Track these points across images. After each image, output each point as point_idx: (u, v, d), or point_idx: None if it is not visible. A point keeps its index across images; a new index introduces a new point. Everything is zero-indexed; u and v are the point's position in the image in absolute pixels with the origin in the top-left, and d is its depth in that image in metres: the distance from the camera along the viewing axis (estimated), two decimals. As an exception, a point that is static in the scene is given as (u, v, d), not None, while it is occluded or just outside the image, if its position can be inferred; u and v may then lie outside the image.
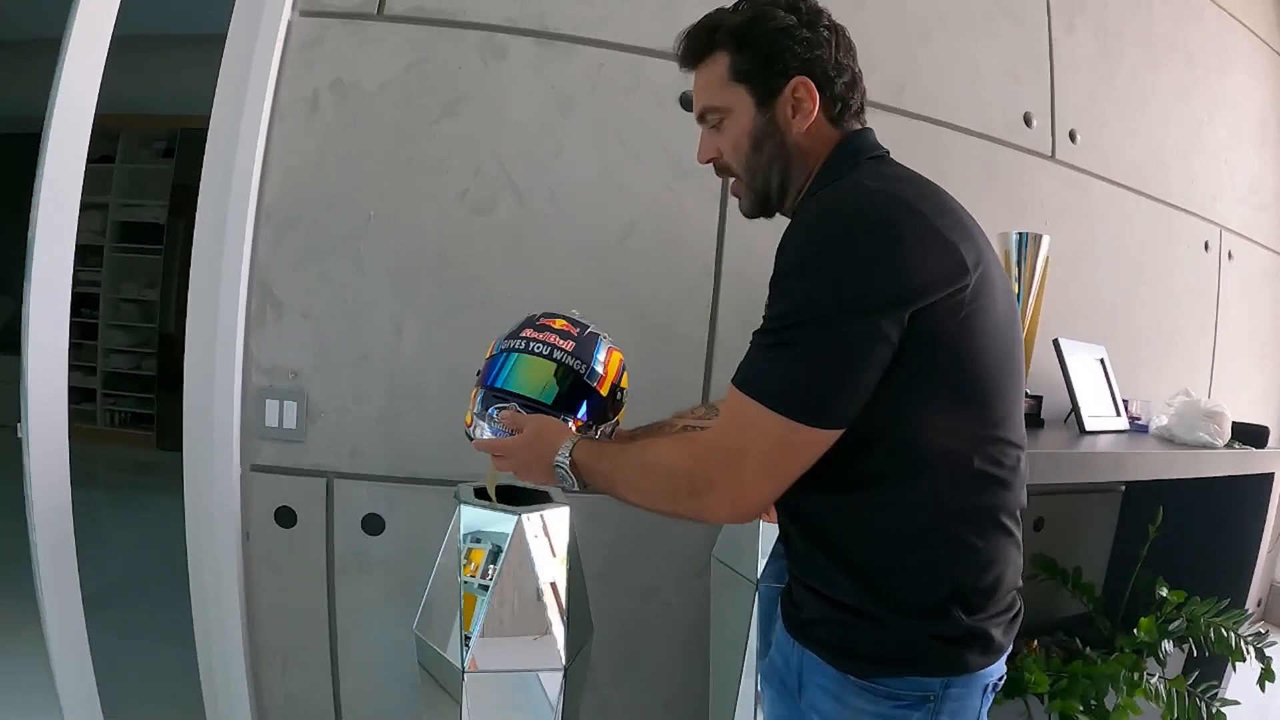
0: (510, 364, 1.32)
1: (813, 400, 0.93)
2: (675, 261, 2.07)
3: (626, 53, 2.00)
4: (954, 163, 2.31)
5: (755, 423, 0.95)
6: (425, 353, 1.93)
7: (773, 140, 1.12)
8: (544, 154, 1.97)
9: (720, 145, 1.16)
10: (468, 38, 1.91)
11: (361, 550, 1.93)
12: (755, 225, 2.08)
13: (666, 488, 1.03)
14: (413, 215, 1.91)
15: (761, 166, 1.14)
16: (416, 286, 1.92)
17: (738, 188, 1.19)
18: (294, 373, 1.87)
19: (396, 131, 1.89)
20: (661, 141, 2.03)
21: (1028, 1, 2.54)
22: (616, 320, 2.02)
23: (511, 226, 1.96)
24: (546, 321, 1.37)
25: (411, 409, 1.93)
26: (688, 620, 2.09)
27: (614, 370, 1.38)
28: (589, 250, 2.01)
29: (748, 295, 2.09)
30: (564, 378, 1.30)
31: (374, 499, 1.93)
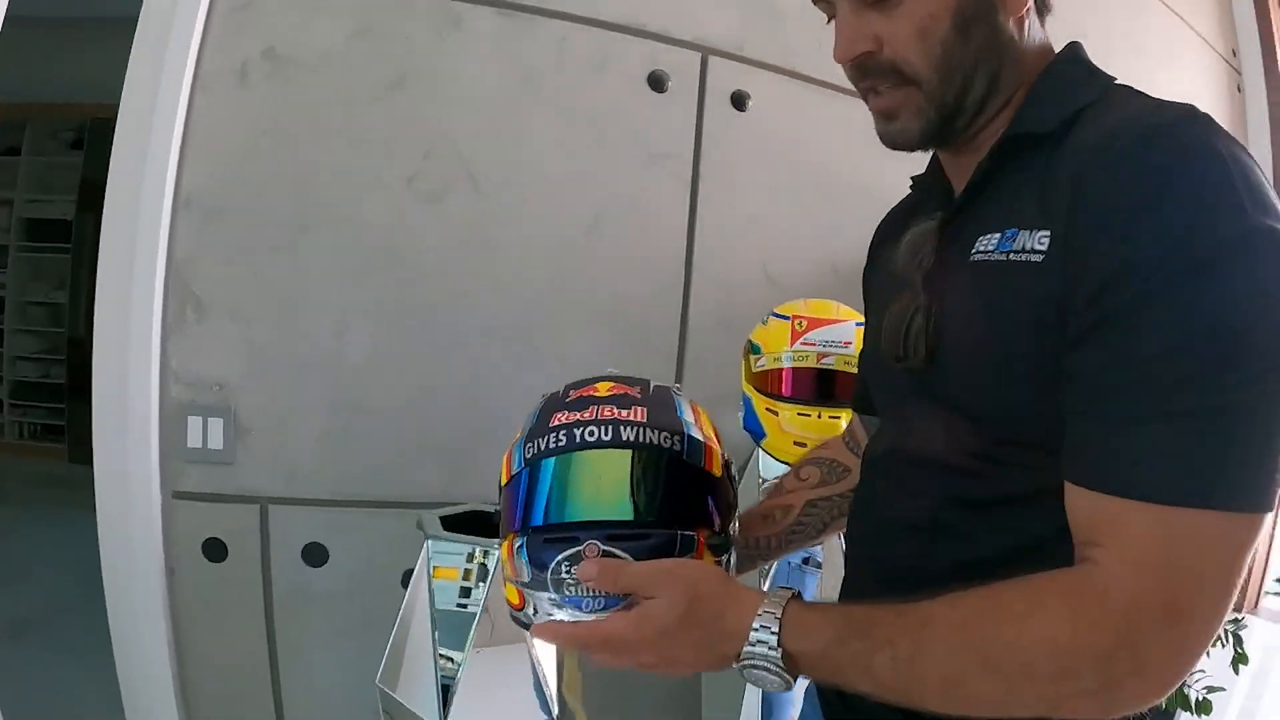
0: (556, 476, 0.81)
1: (1270, 475, 0.59)
2: (644, 256, 1.90)
3: (594, 28, 1.81)
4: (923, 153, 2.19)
5: (1204, 542, 0.59)
6: (371, 360, 1.71)
7: (986, 23, 0.75)
8: (503, 137, 1.77)
9: (890, 30, 0.75)
10: (419, 5, 1.70)
11: (303, 584, 1.69)
12: (732, 217, 1.96)
13: (1049, 692, 0.62)
14: (355, 203, 1.69)
15: (965, 62, 0.75)
16: (360, 284, 1.70)
17: (892, 101, 0.77)
18: (219, 384, 1.63)
19: (337, 108, 1.67)
20: (631, 125, 1.85)
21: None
22: (582, 320, 1.85)
23: (467, 217, 1.76)
24: (583, 392, 0.87)
25: (356, 424, 1.71)
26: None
27: (711, 431, 0.90)
28: (552, 244, 1.82)
29: (720, 292, 1.95)
30: (654, 469, 0.80)
31: (315, 526, 1.70)
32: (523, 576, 0.80)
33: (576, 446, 0.81)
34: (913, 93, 0.76)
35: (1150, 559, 0.59)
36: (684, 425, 0.83)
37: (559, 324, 1.83)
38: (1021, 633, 0.62)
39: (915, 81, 0.75)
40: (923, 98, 0.76)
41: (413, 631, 1.47)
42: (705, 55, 1.90)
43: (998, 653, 0.63)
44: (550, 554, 0.78)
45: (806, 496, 1.06)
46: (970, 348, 0.74)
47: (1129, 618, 0.59)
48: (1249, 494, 0.58)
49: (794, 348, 1.57)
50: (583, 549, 0.77)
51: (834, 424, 1.50)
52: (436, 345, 1.75)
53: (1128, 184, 0.62)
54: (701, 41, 1.90)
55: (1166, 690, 0.61)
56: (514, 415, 1.70)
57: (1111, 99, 0.74)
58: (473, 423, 1.77)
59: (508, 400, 1.78)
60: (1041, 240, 0.67)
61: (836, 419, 1.50)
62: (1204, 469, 0.58)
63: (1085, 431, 0.64)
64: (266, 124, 1.64)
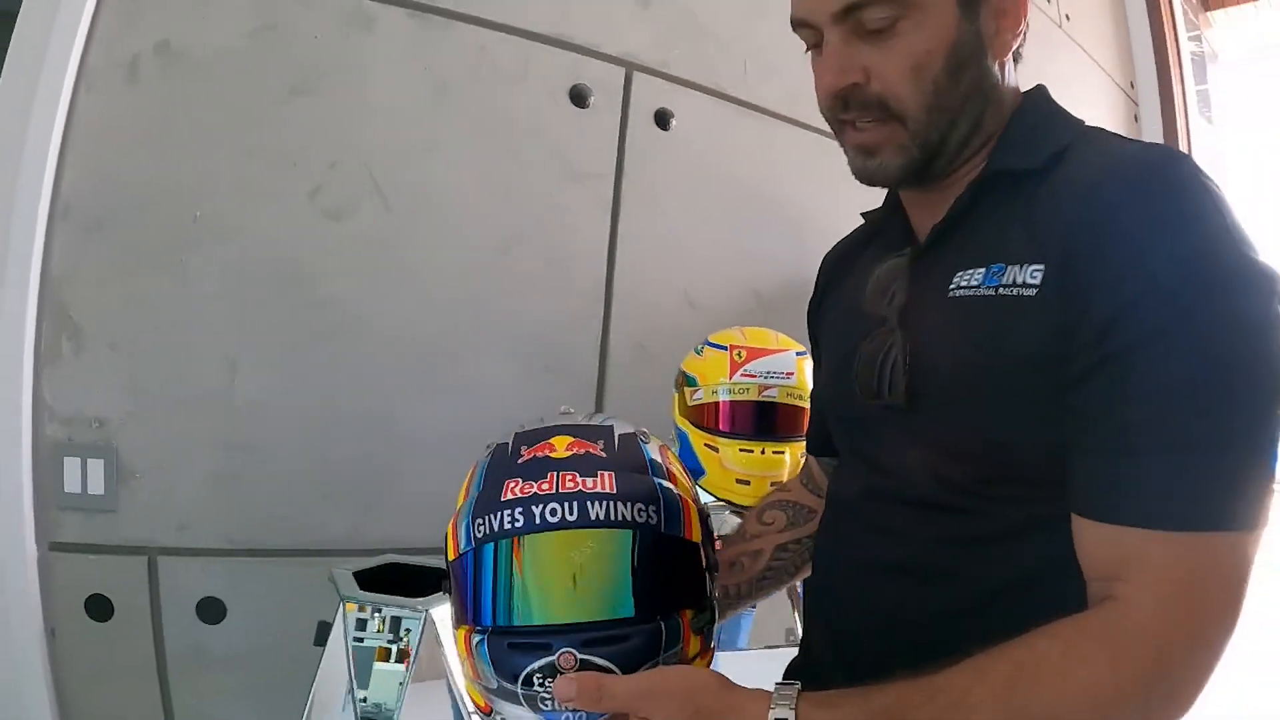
0: (513, 564, 0.73)
1: (1267, 492, 0.64)
2: (563, 278, 1.87)
3: (515, 36, 1.76)
4: (846, 177, 2.29)
5: (1223, 564, 0.63)
6: (268, 394, 1.60)
7: (976, 65, 0.77)
8: (414, 149, 1.70)
9: (881, 62, 0.75)
10: (328, 4, 1.60)
11: (199, 643, 1.57)
12: (653, 238, 1.98)
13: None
14: (253, 218, 1.57)
15: (953, 103, 0.77)
16: (256, 310, 1.59)
17: (875, 136, 0.78)
18: (99, 421, 1.48)
19: (235, 112, 1.55)
20: (551, 141, 1.81)
21: None
22: (496, 346, 1.81)
23: (374, 235, 1.67)
24: (536, 451, 0.78)
25: (252, 465, 1.59)
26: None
27: (685, 480, 0.84)
28: (464, 264, 1.76)
29: (642, 316, 1.94)
30: (630, 552, 0.73)
31: (210, 579, 1.58)
32: (488, 683, 0.74)
33: (536, 528, 0.73)
34: (897, 129, 0.77)
35: (1179, 589, 0.62)
36: (657, 487, 0.77)
37: (472, 351, 1.77)
38: (1063, 690, 0.62)
39: (901, 118, 0.76)
40: (907, 135, 0.77)
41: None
42: (630, 71, 1.89)
43: (1035, 710, 0.63)
44: (518, 662, 0.72)
45: (775, 541, 1.05)
46: (960, 382, 0.74)
47: (1163, 650, 0.62)
48: (1255, 513, 0.63)
49: (733, 379, 1.56)
50: (556, 659, 0.71)
51: (778, 459, 1.50)
52: (340, 376, 1.66)
53: (1131, 219, 0.65)
54: (626, 56, 1.88)
55: (1192, 706, 0.64)
56: (424, 452, 1.68)
57: (1090, 139, 0.78)
58: (380, 460, 1.69)
59: (417, 435, 1.71)
60: (1034, 274, 0.69)
61: (781, 454, 1.51)
62: (1220, 494, 0.62)
63: (1099, 464, 0.65)
64: (157, 126, 1.49)
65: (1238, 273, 0.64)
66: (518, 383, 1.82)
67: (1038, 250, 0.70)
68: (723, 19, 2.02)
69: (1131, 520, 0.63)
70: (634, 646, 0.72)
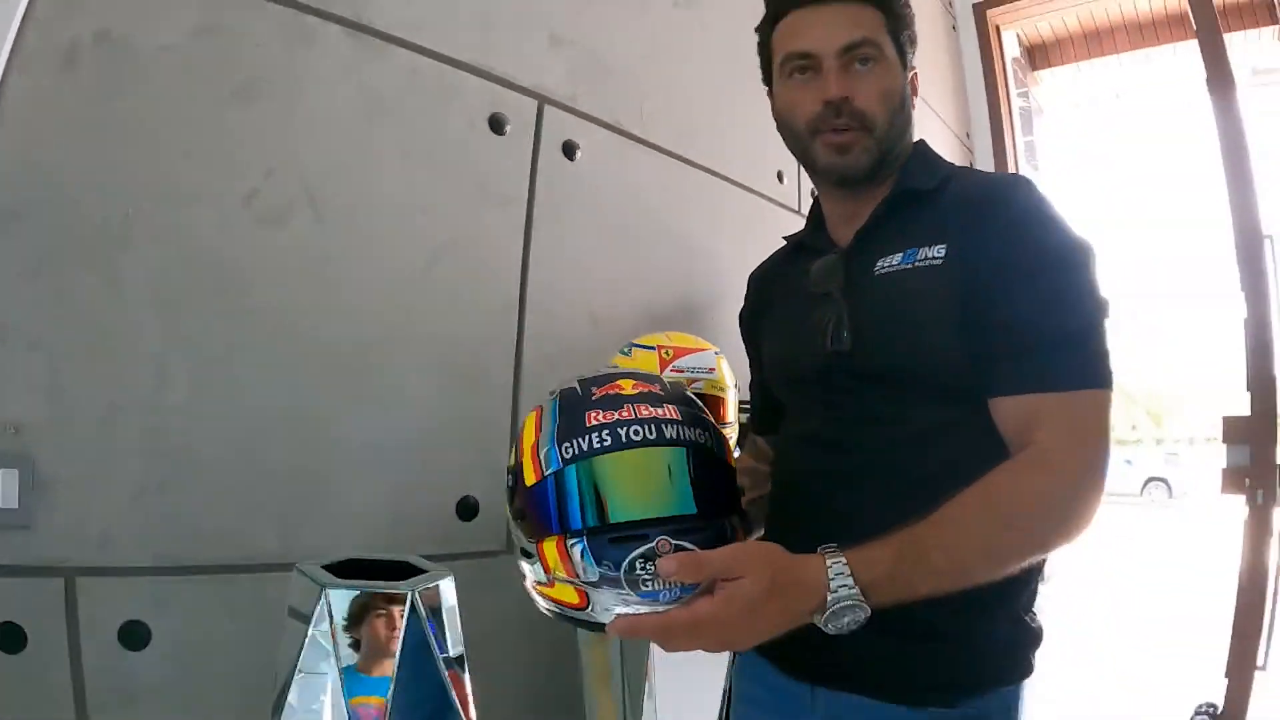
0: (607, 475, 0.88)
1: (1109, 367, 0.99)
2: (480, 295, 1.93)
3: (443, 64, 1.83)
4: (727, 212, 2.52)
5: (1105, 412, 0.96)
6: (198, 401, 1.51)
7: (907, 106, 1.13)
8: (348, 162, 1.71)
9: (864, 87, 1.08)
10: (272, 12, 1.59)
11: (123, 673, 1.42)
12: (561, 261, 2.11)
13: (1040, 532, 0.93)
14: (187, 220, 1.51)
15: (901, 126, 1.12)
16: (187, 314, 1.51)
17: (853, 139, 1.08)
18: (14, 427, 1.34)
19: (174, 110, 1.49)
20: (471, 163, 1.89)
21: None
22: (420, 358, 1.85)
23: (306, 243, 1.65)
24: (608, 389, 0.95)
25: (181, 476, 1.49)
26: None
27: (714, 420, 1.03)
28: (392, 278, 1.77)
29: (552, 333, 2.04)
30: (700, 465, 0.91)
31: (135, 601, 1.44)
32: (588, 576, 0.87)
33: (624, 446, 0.88)
34: (867, 136, 1.08)
35: (1075, 427, 0.94)
36: (708, 421, 0.95)
37: (397, 362, 1.77)
38: (1022, 496, 0.92)
39: (871, 129, 1.08)
40: (873, 141, 1.09)
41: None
42: (542, 103, 2.01)
43: (1007, 512, 0.91)
44: (620, 553, 0.86)
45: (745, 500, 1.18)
46: (891, 326, 1.05)
47: (1075, 471, 0.93)
48: (1108, 376, 0.97)
49: (664, 375, 1.70)
50: (654, 545, 0.85)
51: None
52: (270, 385, 1.61)
53: (1009, 212, 1.02)
54: (539, 90, 2.00)
55: (1099, 500, 0.95)
56: (352, 463, 1.68)
57: (965, 171, 1.16)
58: (309, 471, 1.65)
59: (345, 446, 1.70)
60: (940, 250, 1.03)
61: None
62: (1087, 365, 0.96)
63: (1008, 360, 0.97)
64: (91, 117, 1.41)
65: (1071, 237, 1.01)
66: (439, 394, 1.84)
67: (940, 236, 1.04)
68: (624, 61, 2.21)
69: (1036, 388, 0.96)
70: (709, 536, 0.89)
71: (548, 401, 0.99)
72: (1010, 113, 5.18)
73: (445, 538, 1.82)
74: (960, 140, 4.62)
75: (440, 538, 1.81)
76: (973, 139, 4.78)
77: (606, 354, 2.02)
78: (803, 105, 1.11)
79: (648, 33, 2.33)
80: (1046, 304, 0.98)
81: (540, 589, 0.97)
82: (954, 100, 4.58)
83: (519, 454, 0.98)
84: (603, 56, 2.16)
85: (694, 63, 2.49)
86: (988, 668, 1.03)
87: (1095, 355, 0.97)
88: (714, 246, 2.49)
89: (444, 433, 1.85)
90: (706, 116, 2.52)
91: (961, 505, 0.91)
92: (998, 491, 0.92)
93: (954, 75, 4.74)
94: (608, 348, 2.05)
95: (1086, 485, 0.93)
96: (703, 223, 2.46)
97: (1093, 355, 0.97)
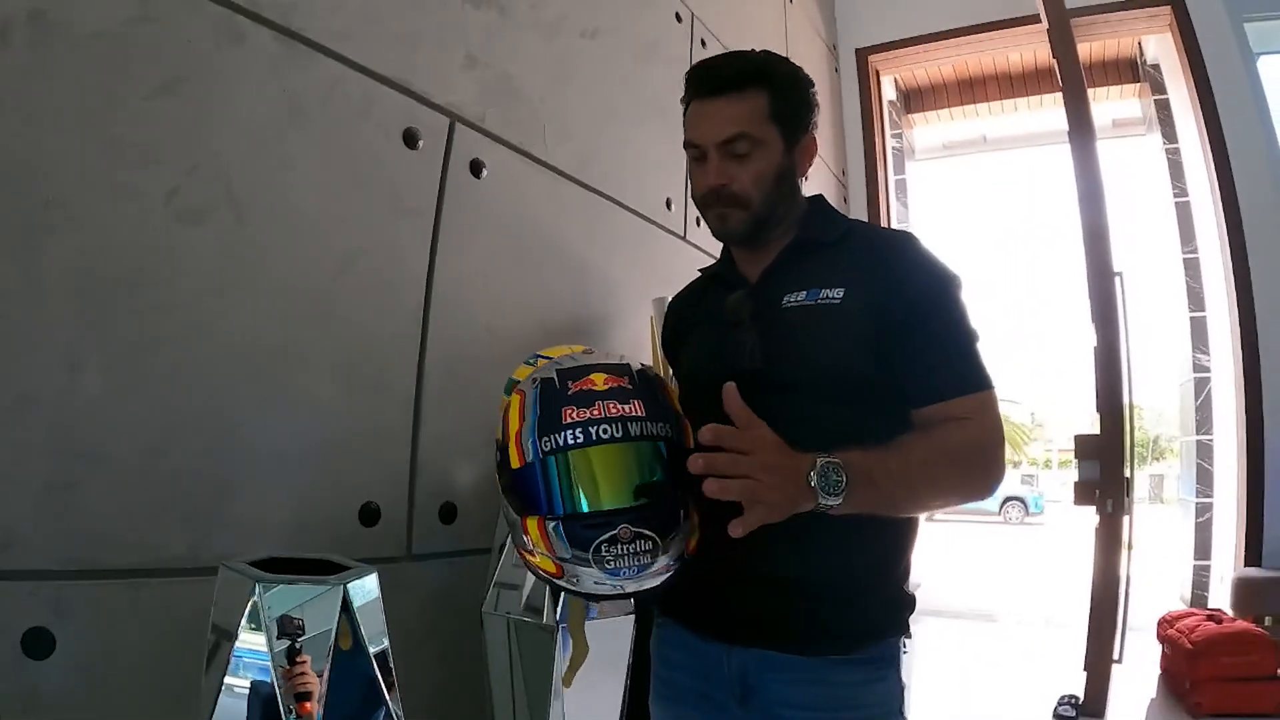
0: (578, 469, 1.04)
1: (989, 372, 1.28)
2: (388, 304, 1.96)
3: (365, 76, 1.87)
4: (620, 235, 2.66)
5: (996, 403, 1.25)
6: (111, 397, 1.47)
7: (789, 179, 1.34)
8: (269, 166, 1.71)
9: (738, 173, 1.29)
10: (206, 9, 1.58)
11: (26, 684, 1.35)
12: (463, 274, 2.22)
13: (969, 473, 1.21)
14: (109, 211, 1.47)
15: (778, 198, 1.32)
16: (104, 308, 1.47)
17: (728, 212, 1.31)
18: None
19: (102, 99, 1.45)
20: (385, 175, 1.93)
21: (672, 102, 3.06)
22: (328, 362, 1.87)
23: (225, 244, 1.63)
24: (581, 385, 1.09)
25: (92, 475, 1.44)
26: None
27: (678, 405, 1.19)
28: (305, 283, 1.78)
29: (453, 344, 2.10)
30: (659, 458, 1.08)
31: (39, 606, 1.37)
32: (562, 553, 1.05)
33: (593, 443, 1.05)
34: (742, 211, 1.30)
35: (986, 417, 1.22)
36: (670, 409, 1.13)
37: (308, 365, 1.77)
38: (954, 441, 1.19)
39: (747, 205, 1.30)
40: (749, 215, 1.31)
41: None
42: (454, 121, 2.07)
43: (952, 450, 1.19)
44: (589, 536, 1.03)
45: None
46: (796, 348, 1.26)
47: (989, 430, 1.22)
48: (991, 380, 1.25)
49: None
50: (618, 532, 1.03)
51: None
52: (182, 384, 1.58)
53: (903, 259, 1.28)
54: (452, 108, 2.07)
55: (1001, 480, 1.24)
56: (261, 465, 1.69)
57: (861, 226, 1.41)
58: (219, 473, 1.62)
59: (255, 448, 1.69)
60: (839, 293, 1.26)
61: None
62: (982, 372, 1.24)
63: (924, 376, 1.23)
64: (17, 99, 1.35)
65: (949, 275, 1.29)
66: (346, 397, 1.86)
67: (840, 281, 1.28)
68: (532, 85, 2.31)
69: (955, 393, 1.22)
70: (664, 521, 1.06)
71: (529, 389, 1.12)
72: (885, 152, 5.66)
73: (348, 543, 1.83)
74: (836, 177, 4.99)
75: (343, 543, 1.82)
76: (848, 176, 5.18)
77: (503, 366, 2.08)
78: (697, 183, 1.35)
79: (555, 59, 2.45)
80: (946, 331, 1.25)
81: (524, 555, 1.13)
82: (833, 138, 4.95)
83: (505, 437, 1.12)
84: (513, 79, 2.26)
85: (596, 91, 2.63)
86: (876, 622, 1.27)
87: (981, 364, 1.26)
88: (606, 267, 2.62)
89: (348, 439, 1.87)
90: (604, 143, 2.67)
91: (911, 439, 1.20)
92: (936, 432, 1.20)
93: (834, 115, 5.10)
94: (504, 361, 2.12)
95: (995, 444, 1.23)
96: (596, 244, 2.59)
97: (979, 364, 1.25)
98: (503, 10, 2.26)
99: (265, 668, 1.27)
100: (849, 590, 1.25)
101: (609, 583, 1.07)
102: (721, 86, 1.29)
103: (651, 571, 1.07)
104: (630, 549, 1.05)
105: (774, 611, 1.24)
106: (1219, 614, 3.96)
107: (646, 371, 1.18)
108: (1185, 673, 3.69)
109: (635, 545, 1.05)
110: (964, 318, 1.27)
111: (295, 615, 1.31)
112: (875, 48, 5.68)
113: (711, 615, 1.29)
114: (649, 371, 1.19)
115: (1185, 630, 3.77)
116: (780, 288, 1.32)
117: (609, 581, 1.06)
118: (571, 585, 1.09)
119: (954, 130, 7.77)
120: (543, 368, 1.17)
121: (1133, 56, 6.54)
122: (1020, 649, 5.54)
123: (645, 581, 1.10)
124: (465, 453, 2.08)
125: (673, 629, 1.38)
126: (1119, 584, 3.47)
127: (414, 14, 2.00)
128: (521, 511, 1.09)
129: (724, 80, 1.29)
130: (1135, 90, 6.75)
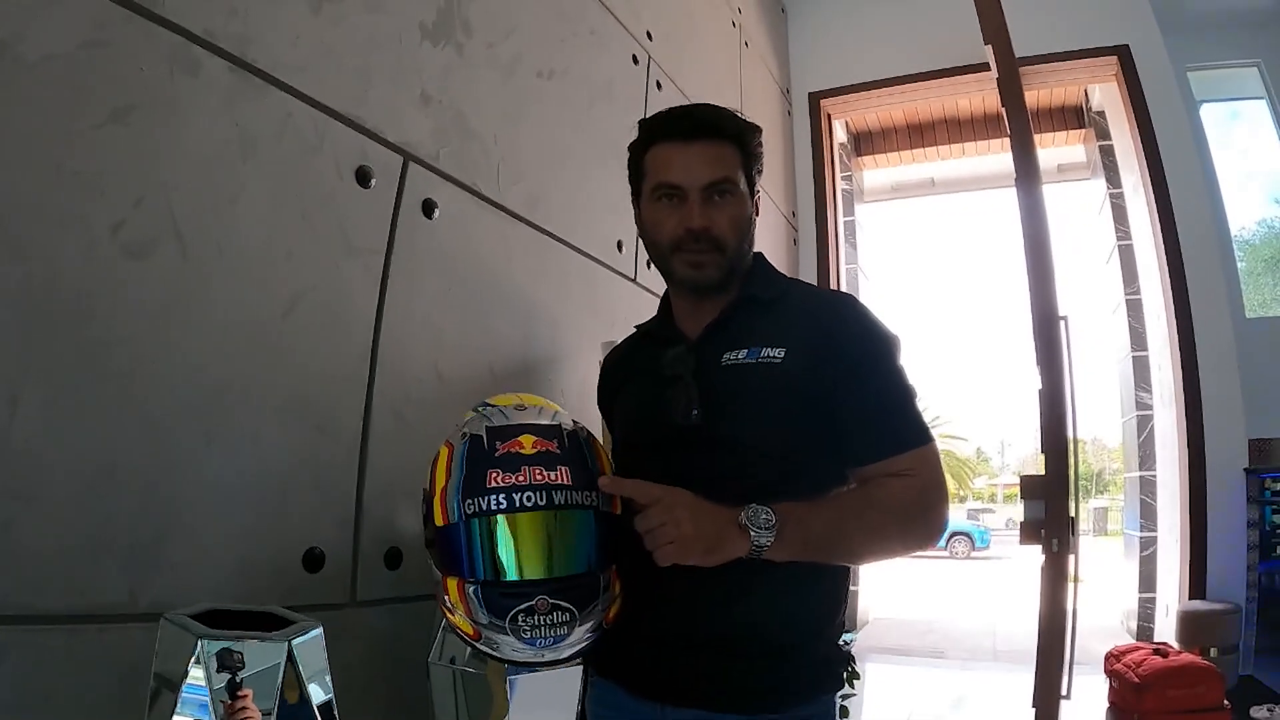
0: (500, 535, 1.06)
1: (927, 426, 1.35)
2: (335, 344, 1.95)
3: (317, 110, 1.89)
4: (570, 275, 2.69)
5: (937, 455, 1.31)
6: (49, 434, 1.44)
7: (752, 231, 1.42)
8: (218, 200, 1.71)
9: (719, 217, 1.35)
10: (161, 37, 1.59)
11: None
12: (413, 315, 2.25)
13: (905, 527, 1.27)
14: (54, 241, 1.46)
15: (746, 248, 1.41)
16: (44, 341, 1.45)
17: (708, 259, 1.36)
18: None
19: (51, 124, 1.45)
20: (335, 213, 1.94)
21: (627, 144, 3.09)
22: (274, 404, 1.86)
23: (171, 279, 1.63)
24: (509, 447, 1.10)
25: (27, 514, 1.41)
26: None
27: (608, 464, 1.23)
28: (251, 320, 1.77)
29: (400, 385, 2.10)
30: (583, 527, 1.11)
31: None
32: (480, 619, 1.08)
33: (516, 510, 1.07)
34: (719, 256, 1.36)
35: (926, 470, 1.28)
36: (597, 476, 1.15)
37: (251, 405, 1.76)
38: (892, 495, 1.26)
39: (723, 250, 1.36)
40: (724, 259, 1.37)
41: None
42: (407, 160, 2.09)
43: (887, 504, 1.25)
44: (506, 605, 1.06)
45: None
46: (734, 405, 1.31)
47: (927, 483, 1.27)
48: (929, 434, 1.32)
49: None
50: (535, 604, 1.05)
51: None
52: (124, 423, 1.56)
53: (843, 320, 1.35)
54: (405, 146, 2.09)
55: (943, 530, 1.31)
56: (200, 508, 1.67)
57: (799, 285, 1.48)
58: (158, 515, 1.60)
59: (195, 489, 1.67)
60: (779, 352, 1.32)
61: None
62: (920, 427, 1.31)
63: (861, 433, 1.30)
64: None
65: (888, 337, 1.35)
66: (291, 439, 1.85)
67: (780, 341, 1.33)
68: (486, 124, 2.35)
69: (893, 451, 1.29)
70: (583, 592, 1.09)
71: (458, 443, 1.15)
72: (835, 194, 5.83)
73: (291, 589, 1.81)
74: (786, 218, 5.10)
75: (287, 589, 1.80)
76: (798, 217, 5.31)
77: (451, 408, 2.10)
78: (667, 226, 1.38)
79: (511, 99, 2.50)
80: (885, 391, 1.32)
81: (445, 612, 1.15)
82: (783, 180, 5.06)
83: (431, 491, 1.16)
84: (467, 118, 2.30)
85: (550, 132, 2.69)
86: (809, 679, 1.31)
87: (919, 419, 1.33)
88: (556, 309, 2.66)
89: (293, 481, 1.85)
90: (557, 184, 2.73)
91: (847, 495, 1.32)
92: (874, 488, 1.28)
93: (785, 157, 5.23)
94: (452, 402, 2.14)
95: (935, 494, 1.29)
96: (547, 286, 2.63)
97: (918, 420, 1.32)
98: (460, 49, 2.31)
99: (205, 704, 1.26)
100: (782, 650, 1.28)
101: (525, 651, 1.09)
102: (701, 132, 1.34)
103: (568, 643, 1.10)
104: (547, 620, 1.07)
105: (707, 672, 1.27)
106: (1165, 647, 4.10)
107: (579, 433, 1.21)
108: (1133, 706, 3.81)
109: (552, 616, 1.07)
110: (902, 377, 1.34)
111: (236, 649, 1.30)
112: (828, 92, 5.91)
113: (645, 675, 1.32)
114: (581, 433, 1.22)
115: (1132, 664, 3.90)
116: (720, 345, 1.38)
117: (525, 650, 1.09)
118: (490, 650, 1.11)
119: (903, 173, 8.14)
120: (471, 420, 1.19)
121: (1079, 104, 6.91)
122: (969, 687, 5.63)
123: (562, 651, 1.12)
124: (411, 497, 2.02)
125: (607, 688, 1.40)
126: (1066, 620, 3.57)
127: (371, 50, 2.03)
128: (443, 569, 1.12)
129: (704, 126, 1.35)
130: (1080, 136, 7.13)
